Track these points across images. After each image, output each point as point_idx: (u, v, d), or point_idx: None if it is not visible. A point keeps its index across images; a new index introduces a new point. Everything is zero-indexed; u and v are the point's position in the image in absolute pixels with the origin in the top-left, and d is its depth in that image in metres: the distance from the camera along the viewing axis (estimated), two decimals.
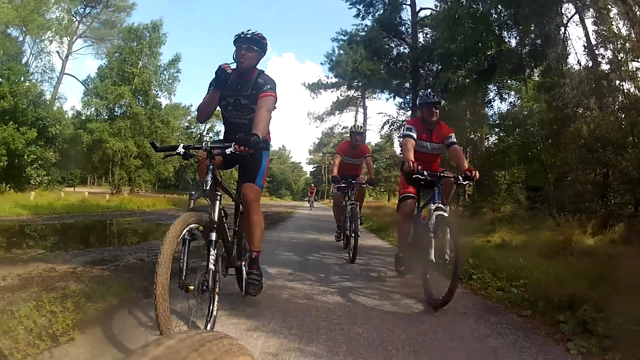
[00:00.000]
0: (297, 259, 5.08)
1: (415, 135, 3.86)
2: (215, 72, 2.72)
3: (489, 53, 8.18)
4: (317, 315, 2.74)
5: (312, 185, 34.11)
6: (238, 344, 0.62)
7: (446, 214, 3.29)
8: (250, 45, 2.81)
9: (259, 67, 2.94)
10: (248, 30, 2.84)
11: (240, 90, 2.86)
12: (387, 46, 13.36)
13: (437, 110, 3.93)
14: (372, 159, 6.49)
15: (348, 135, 6.68)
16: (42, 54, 22.87)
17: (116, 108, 25.68)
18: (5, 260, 3.99)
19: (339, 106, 38.50)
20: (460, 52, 9.15)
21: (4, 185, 17.39)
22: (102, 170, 25.75)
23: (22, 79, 19.47)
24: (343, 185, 5.51)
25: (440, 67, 9.97)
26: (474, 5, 8.96)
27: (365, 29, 14.42)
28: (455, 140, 3.99)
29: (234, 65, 2.80)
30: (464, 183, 3.56)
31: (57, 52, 25.61)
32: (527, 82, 8.69)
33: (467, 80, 8.81)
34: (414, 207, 3.86)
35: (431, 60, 12.45)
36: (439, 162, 4.22)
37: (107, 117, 25.01)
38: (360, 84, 15.18)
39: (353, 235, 4.93)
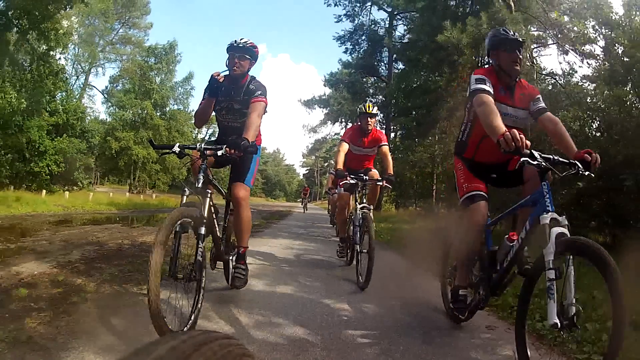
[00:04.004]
0: (301, 231, 9.34)
1: (492, 92, 2.37)
2: (209, 81, 2.91)
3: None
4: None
5: (306, 186, 34.98)
6: (240, 344, 0.63)
7: (568, 233, 1.88)
8: (243, 54, 2.95)
9: (250, 73, 3.08)
10: (241, 39, 2.98)
11: (234, 95, 3.01)
12: (365, 86, 17.78)
13: (521, 57, 2.54)
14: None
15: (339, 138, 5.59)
16: (81, 73, 26.86)
17: (138, 119, 29.71)
18: None
19: (332, 117, 42.93)
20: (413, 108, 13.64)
21: (55, 187, 21.42)
22: (126, 173, 29.75)
23: (66, 96, 23.56)
24: (352, 182, 4.18)
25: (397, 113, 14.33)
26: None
27: (349, 74, 18.88)
28: (545, 105, 2.54)
29: (226, 72, 2.94)
30: (585, 174, 2.08)
31: (79, 63, 29.65)
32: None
33: (414, 123, 12.99)
34: (487, 215, 2.48)
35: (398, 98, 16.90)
36: None
37: (130, 127, 29.03)
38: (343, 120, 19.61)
39: (366, 251, 3.70)
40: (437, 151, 9.93)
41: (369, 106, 4.63)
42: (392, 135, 19.31)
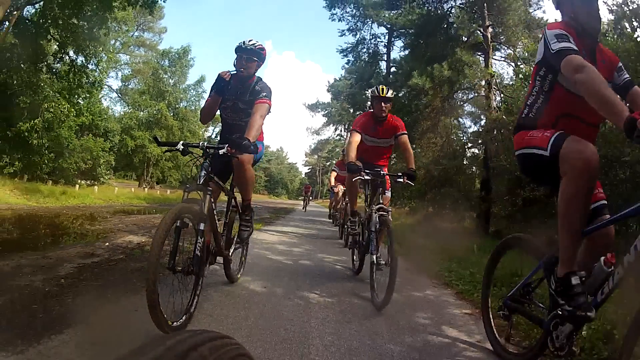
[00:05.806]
0: (304, 224, 11.38)
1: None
2: (216, 79, 3.05)
3: None
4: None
5: (308, 184, 34.53)
6: (237, 343, 0.64)
7: None
8: (250, 56, 3.06)
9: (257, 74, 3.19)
10: (249, 41, 3.10)
11: (240, 95, 3.14)
12: (364, 97, 19.89)
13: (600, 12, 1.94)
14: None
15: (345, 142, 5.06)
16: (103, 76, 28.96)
17: (152, 119, 31.83)
18: None
19: (335, 121, 44.82)
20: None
21: (79, 181, 23.58)
22: (140, 170, 31.93)
23: (92, 98, 25.66)
24: (366, 177, 3.64)
25: None
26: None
27: (350, 86, 21.00)
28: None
29: (233, 72, 3.08)
30: None
31: (96, 64, 31.44)
32: None
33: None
34: (597, 154, 1.68)
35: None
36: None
37: (146, 127, 31.18)
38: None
39: (384, 262, 3.23)
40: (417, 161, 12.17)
41: (382, 89, 4.00)
42: None
